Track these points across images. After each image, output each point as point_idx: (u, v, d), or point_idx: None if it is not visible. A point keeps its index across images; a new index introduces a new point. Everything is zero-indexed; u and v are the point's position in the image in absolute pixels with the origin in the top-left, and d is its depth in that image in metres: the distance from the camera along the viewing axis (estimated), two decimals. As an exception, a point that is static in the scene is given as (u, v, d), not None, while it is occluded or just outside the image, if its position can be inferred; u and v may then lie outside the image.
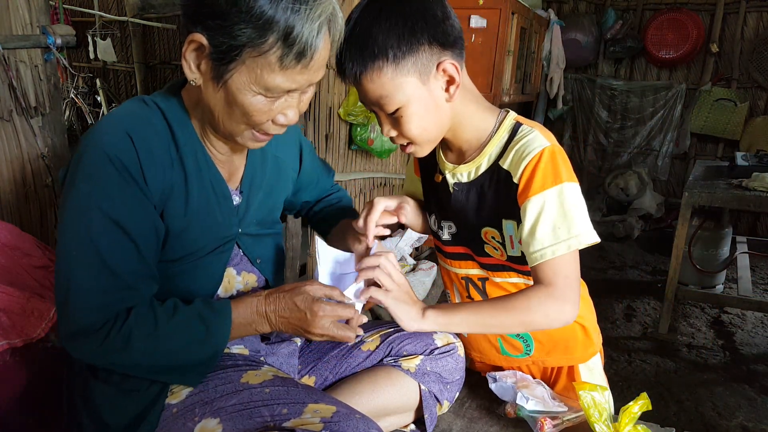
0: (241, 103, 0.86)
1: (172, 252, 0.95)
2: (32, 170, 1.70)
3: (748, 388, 2.60)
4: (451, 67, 0.95)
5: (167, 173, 0.91)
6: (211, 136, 0.98)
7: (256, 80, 0.84)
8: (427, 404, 1.11)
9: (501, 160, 1.02)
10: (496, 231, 1.06)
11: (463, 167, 1.07)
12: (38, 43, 1.64)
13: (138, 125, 0.89)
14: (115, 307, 0.86)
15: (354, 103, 2.92)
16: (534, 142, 0.98)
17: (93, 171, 0.85)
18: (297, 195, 1.27)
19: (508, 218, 1.03)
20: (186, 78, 0.97)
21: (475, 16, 3.46)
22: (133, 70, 4.97)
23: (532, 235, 0.95)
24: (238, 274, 1.07)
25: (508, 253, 1.08)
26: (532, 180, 0.95)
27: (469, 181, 1.06)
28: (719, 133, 4.88)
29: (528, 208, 0.96)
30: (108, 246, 0.85)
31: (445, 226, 1.15)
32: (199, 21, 0.82)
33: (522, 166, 0.97)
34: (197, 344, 0.90)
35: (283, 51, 0.81)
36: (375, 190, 3.59)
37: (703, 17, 4.80)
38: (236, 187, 1.05)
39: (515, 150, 1.00)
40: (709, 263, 3.55)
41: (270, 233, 1.13)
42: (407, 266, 3.25)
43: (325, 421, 0.82)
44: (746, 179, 2.86)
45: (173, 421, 0.89)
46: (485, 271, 1.15)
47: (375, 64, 0.91)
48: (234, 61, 0.82)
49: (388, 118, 0.98)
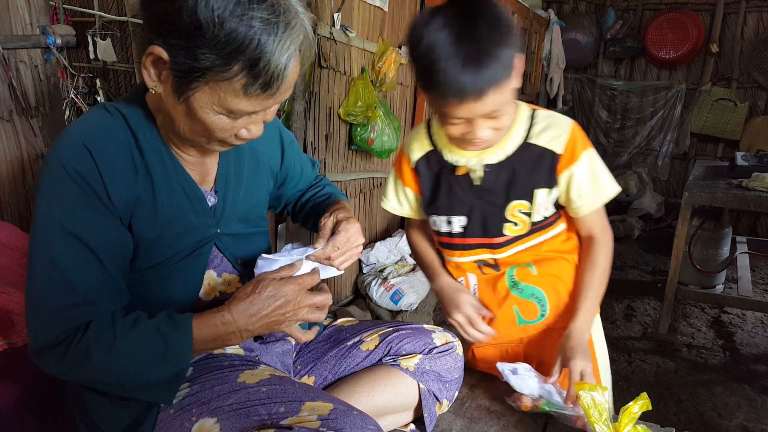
0: (203, 120, 0.84)
1: (147, 260, 0.93)
2: (32, 170, 1.70)
3: (748, 388, 2.60)
4: (520, 62, 1.02)
5: (131, 183, 0.88)
6: (177, 140, 0.95)
7: (219, 102, 0.82)
8: (426, 403, 1.11)
9: (529, 138, 1.13)
10: (525, 202, 1.16)
11: (489, 151, 1.14)
12: (38, 43, 1.64)
13: (96, 137, 0.86)
14: (75, 322, 0.83)
15: (354, 103, 2.92)
16: (561, 119, 1.15)
17: (53, 187, 0.84)
18: (281, 188, 1.24)
19: (541, 187, 1.15)
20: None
21: (475, 16, 3.46)
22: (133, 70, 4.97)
23: (585, 190, 1.13)
24: (219, 276, 1.04)
25: (533, 220, 1.17)
26: (574, 148, 1.12)
27: (499, 162, 1.14)
28: (719, 133, 4.88)
29: (575, 171, 1.12)
30: (69, 261, 0.83)
31: (455, 221, 1.20)
32: (161, 35, 0.79)
33: (563, 139, 1.12)
34: (157, 360, 0.86)
35: (248, 80, 0.79)
36: (375, 190, 3.60)
37: (703, 17, 4.80)
38: (210, 187, 1.02)
39: (547, 129, 1.13)
40: (709, 263, 3.54)
41: (255, 232, 1.11)
42: (407, 266, 3.25)
43: (322, 419, 0.82)
44: (746, 179, 2.86)
45: (170, 422, 0.89)
46: (493, 250, 1.22)
47: (503, 79, 0.95)
48: (196, 81, 0.80)
49: (486, 120, 1.01)
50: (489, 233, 1.19)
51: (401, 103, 3.71)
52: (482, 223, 1.19)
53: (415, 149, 1.23)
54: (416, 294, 2.95)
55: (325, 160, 2.95)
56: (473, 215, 1.18)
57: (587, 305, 1.18)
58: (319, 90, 2.75)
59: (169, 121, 0.90)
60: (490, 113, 0.99)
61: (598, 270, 1.20)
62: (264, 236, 1.15)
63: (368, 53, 3.10)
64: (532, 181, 1.14)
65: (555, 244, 1.23)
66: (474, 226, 1.19)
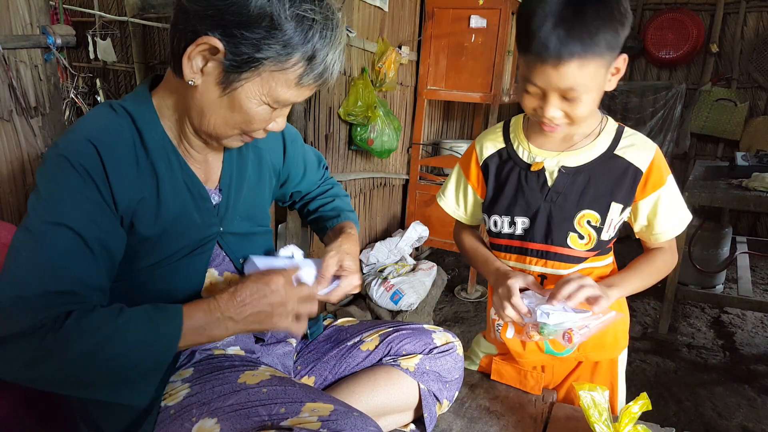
0: (246, 110, 0.87)
1: (149, 257, 0.93)
2: (32, 170, 1.70)
3: (748, 388, 2.60)
4: (623, 61, 1.01)
5: (135, 184, 0.88)
6: (189, 138, 0.95)
7: (269, 92, 0.86)
8: (426, 403, 1.11)
9: (616, 150, 1.12)
10: (596, 214, 1.13)
11: (570, 153, 1.13)
12: (38, 43, 1.64)
13: (103, 135, 0.86)
14: (55, 310, 0.78)
15: (354, 103, 2.92)
16: (646, 140, 1.14)
17: (54, 177, 0.83)
18: (284, 186, 1.24)
19: (618, 202, 1.12)
20: (153, 79, 0.96)
21: (475, 16, 3.46)
22: (133, 70, 4.97)
23: (668, 216, 1.12)
24: (220, 275, 1.04)
25: (601, 238, 1.13)
26: (661, 171, 1.11)
27: (578, 166, 1.13)
28: (719, 133, 4.88)
29: (663, 195, 1.11)
30: (59, 250, 0.80)
31: (519, 221, 1.17)
32: (219, 26, 0.81)
33: (648, 158, 1.11)
34: (144, 345, 0.82)
35: (305, 70, 0.85)
36: (375, 190, 3.60)
37: (703, 17, 4.80)
38: (215, 186, 1.03)
39: (634, 144, 1.12)
40: (709, 263, 3.54)
41: (257, 231, 1.11)
42: (407, 266, 3.25)
43: (323, 420, 0.82)
44: (746, 179, 2.86)
45: (171, 423, 0.89)
46: (548, 262, 1.16)
47: (590, 58, 0.93)
48: (250, 71, 0.83)
49: (560, 101, 1.00)
50: (552, 240, 1.15)
51: (401, 103, 3.71)
52: (546, 227, 1.14)
53: (487, 146, 1.22)
54: (416, 294, 2.95)
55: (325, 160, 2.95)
56: (538, 218, 1.14)
57: (625, 279, 1.13)
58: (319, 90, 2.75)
59: (194, 116, 0.90)
60: (565, 90, 0.96)
61: (651, 266, 1.16)
62: (266, 236, 1.15)
63: (368, 53, 3.11)
64: (611, 193, 1.11)
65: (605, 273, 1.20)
66: (538, 229, 1.15)
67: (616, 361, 1.28)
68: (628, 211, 1.14)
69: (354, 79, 2.98)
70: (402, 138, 3.67)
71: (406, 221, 3.95)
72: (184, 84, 0.87)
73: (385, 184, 3.74)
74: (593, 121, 1.14)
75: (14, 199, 1.67)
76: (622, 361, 1.30)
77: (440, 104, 4.24)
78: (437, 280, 3.24)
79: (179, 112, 0.93)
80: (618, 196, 1.12)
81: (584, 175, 1.12)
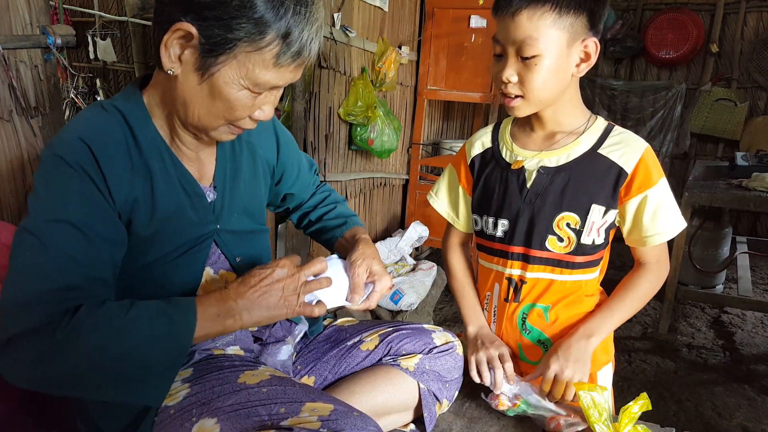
0: (226, 96, 0.86)
1: (145, 256, 0.93)
2: (32, 170, 1.70)
3: (748, 388, 2.60)
4: (594, 46, 1.02)
5: (129, 183, 0.88)
6: (179, 134, 0.95)
7: (247, 75, 0.84)
8: (426, 403, 1.11)
9: (600, 149, 1.09)
10: (576, 217, 1.10)
11: (551, 152, 1.11)
12: (38, 43, 1.64)
13: (95, 134, 0.86)
14: (63, 305, 0.78)
15: (354, 103, 2.92)
16: (636, 139, 1.09)
17: (51, 177, 0.83)
18: (279, 185, 1.23)
19: (599, 203, 1.09)
20: (145, 77, 0.95)
21: (475, 16, 3.46)
22: (133, 70, 4.98)
23: (654, 220, 1.07)
24: (216, 273, 1.04)
25: (581, 241, 1.11)
26: (648, 172, 1.06)
27: (558, 166, 1.11)
28: (719, 133, 4.88)
29: (650, 196, 1.06)
30: (64, 247, 0.80)
31: (500, 223, 1.17)
32: (192, 10, 0.80)
33: (635, 158, 1.06)
34: (158, 339, 0.81)
35: (280, 49, 0.83)
36: (375, 190, 3.60)
37: (703, 17, 4.80)
38: (209, 183, 1.02)
39: (620, 143, 1.08)
40: (709, 263, 3.54)
41: (254, 230, 1.11)
42: (407, 266, 3.25)
43: (323, 420, 0.82)
44: (746, 179, 2.86)
45: (170, 423, 0.89)
46: (528, 266, 1.15)
47: (543, 7, 0.96)
48: (225, 54, 0.82)
49: (517, 62, 1.02)
50: (531, 243, 1.13)
51: (401, 103, 3.71)
52: (527, 230, 1.13)
53: (476, 145, 1.23)
54: (416, 294, 2.95)
55: (325, 160, 2.95)
56: (519, 220, 1.13)
57: (607, 320, 1.12)
58: (319, 90, 2.75)
59: (180, 107, 0.89)
60: (520, 43, 0.99)
61: (634, 295, 1.14)
62: (264, 234, 1.15)
63: (368, 53, 3.11)
64: (591, 194, 1.08)
65: (588, 288, 1.17)
66: (518, 231, 1.14)
67: (595, 377, 1.19)
68: (614, 214, 1.10)
69: (354, 79, 2.98)
70: (402, 138, 3.67)
71: (406, 221, 3.95)
72: (168, 76, 0.87)
73: (385, 184, 3.74)
74: (577, 119, 1.12)
75: (14, 199, 1.67)
76: (604, 375, 1.21)
77: (440, 104, 4.24)
78: (437, 280, 3.24)
79: (168, 107, 0.93)
80: (599, 197, 1.08)
81: (564, 175, 1.10)
